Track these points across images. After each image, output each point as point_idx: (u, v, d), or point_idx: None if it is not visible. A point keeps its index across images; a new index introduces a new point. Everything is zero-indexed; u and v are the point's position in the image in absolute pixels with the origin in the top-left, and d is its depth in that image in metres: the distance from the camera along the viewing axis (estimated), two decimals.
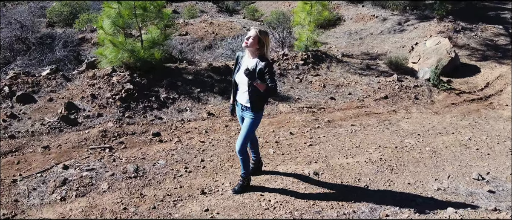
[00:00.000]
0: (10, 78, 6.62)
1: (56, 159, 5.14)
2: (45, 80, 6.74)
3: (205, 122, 6.22)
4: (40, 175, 4.78)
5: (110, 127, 5.84)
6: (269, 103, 6.95)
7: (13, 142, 5.42)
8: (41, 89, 6.59)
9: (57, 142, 5.49)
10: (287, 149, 5.52)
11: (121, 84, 6.48)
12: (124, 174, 4.85)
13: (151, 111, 6.30)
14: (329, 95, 7.45)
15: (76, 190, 4.52)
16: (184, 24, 10.93)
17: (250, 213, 4.23)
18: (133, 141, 5.63)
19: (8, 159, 5.12)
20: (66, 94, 6.52)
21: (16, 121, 5.85)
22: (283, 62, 8.18)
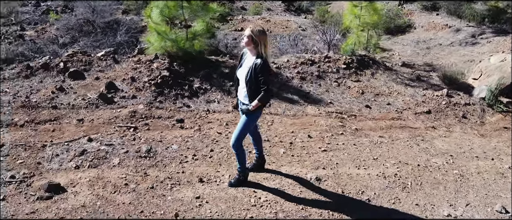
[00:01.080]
0: (67, 55, 7.38)
1: (85, 131, 5.64)
2: (97, 61, 7.39)
3: (228, 115, 6.35)
4: (67, 144, 5.30)
5: (140, 109, 6.24)
6: (297, 104, 6.87)
7: (55, 112, 6.06)
8: (92, 68, 7.25)
9: (91, 117, 6.02)
10: (298, 151, 5.44)
11: (159, 70, 6.88)
12: (137, 153, 5.17)
13: (181, 98, 6.60)
14: (365, 103, 7.13)
15: (90, 161, 4.94)
16: (242, 20, 11.17)
17: (237, 207, 4.27)
18: (157, 124, 5.96)
19: (46, 127, 5.75)
20: (112, 74, 7.10)
21: (63, 94, 6.52)
22: (324, 64, 8.00)
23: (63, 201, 4.27)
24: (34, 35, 9.25)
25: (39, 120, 5.86)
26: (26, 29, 9.90)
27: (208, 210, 4.21)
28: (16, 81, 6.82)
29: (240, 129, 4.33)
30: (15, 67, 7.12)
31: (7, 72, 7.01)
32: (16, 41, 8.32)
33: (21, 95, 6.40)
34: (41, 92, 6.53)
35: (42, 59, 7.21)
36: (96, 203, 4.26)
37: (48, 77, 6.96)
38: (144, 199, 4.35)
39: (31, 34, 9.34)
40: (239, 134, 4.33)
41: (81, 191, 4.43)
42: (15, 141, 5.32)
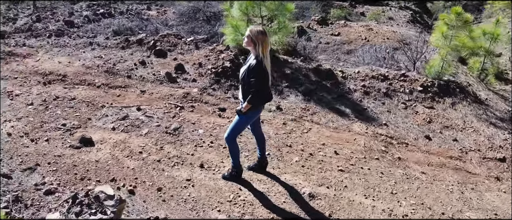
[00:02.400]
0: (161, 35, 8.39)
1: (140, 102, 6.43)
2: (182, 44, 8.23)
3: (268, 114, 6.41)
4: (119, 109, 6.16)
5: (194, 92, 6.78)
6: (346, 118, 6.48)
7: (127, 80, 7.05)
8: (175, 50, 8.11)
9: (152, 91, 6.81)
10: (312, 164, 5.22)
11: (223, 60, 7.31)
12: (166, 129, 5.71)
13: (234, 90, 6.90)
14: (427, 133, 6.29)
15: (125, 127, 5.67)
16: (343, 25, 10.81)
17: (214, 198, 4.42)
18: (201, 109, 6.41)
19: (115, 91, 6.74)
20: (187, 58, 7.83)
21: (142, 67, 7.50)
22: (397, 82, 7.28)
23: (85, 153, 5.05)
24: (154, 15, 10.74)
25: (112, 85, 6.90)
26: (151, 8, 11.53)
27: (188, 193, 4.47)
28: (113, 50, 8.11)
29: (232, 127, 4.44)
30: (118, 38, 8.44)
31: (111, 41, 8.37)
32: (132, 17, 9.85)
33: (110, 62, 7.60)
34: (127, 63, 7.63)
35: (138, 36, 8.38)
36: (107, 161, 4.91)
37: (138, 51, 8.07)
38: (145, 168, 4.83)
39: (152, 14, 10.87)
40: (231, 131, 4.43)
41: (103, 149, 5.15)
42: (85, 97, 6.41)
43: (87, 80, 6.97)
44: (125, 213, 4.06)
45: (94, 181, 4.53)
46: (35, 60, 7.58)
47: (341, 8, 13.84)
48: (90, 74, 7.16)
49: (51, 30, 8.79)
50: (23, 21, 9.21)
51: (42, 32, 8.73)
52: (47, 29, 8.82)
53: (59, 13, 9.86)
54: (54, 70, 7.19)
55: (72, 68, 7.31)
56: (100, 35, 8.59)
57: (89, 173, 4.66)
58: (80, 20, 9.52)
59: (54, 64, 7.45)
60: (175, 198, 4.38)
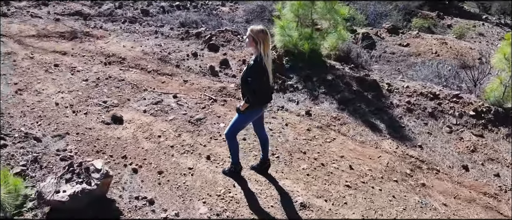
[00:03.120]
0: (218, 31, 8.73)
1: (179, 90, 6.82)
2: (235, 41, 8.46)
3: (295, 117, 6.30)
4: (159, 94, 6.61)
5: (230, 87, 6.97)
6: (376, 133, 6.07)
7: (175, 69, 7.51)
8: (228, 45, 8.37)
9: (194, 81, 7.15)
10: (319, 175, 5.04)
11: None
12: (190, 118, 5.99)
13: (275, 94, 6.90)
14: (466, 163, 5.59)
15: (155, 111, 6.08)
16: (414, 36, 10.02)
17: (206, 189, 4.56)
18: (231, 104, 6.56)
19: (161, 78, 7.23)
20: (236, 54, 8.03)
21: (192, 59, 7.91)
22: (447, 103, 6.55)
23: (111, 129, 5.55)
24: (225, 11, 11.17)
25: (161, 72, 7.41)
26: (225, 5, 12.00)
27: (184, 181, 4.66)
28: (173, 40, 8.67)
29: (231, 124, 4.51)
30: (181, 30, 8.98)
31: (173, 32, 8.95)
32: (201, 11, 10.37)
33: (166, 50, 8.15)
34: (180, 53, 8.12)
35: (199, 29, 8.82)
36: (127, 139, 5.35)
37: (194, 44, 8.51)
38: (156, 152, 5.16)
39: (224, 10, 11.31)
40: (230, 128, 4.51)
41: (128, 128, 5.61)
42: (133, 80, 6.99)
43: (141, 65, 7.58)
44: (120, 188, 4.40)
45: (107, 155, 4.97)
46: (105, 42, 8.47)
47: (426, 18, 12.81)
48: (145, 60, 7.77)
49: (127, 17, 9.71)
50: (107, 6, 10.33)
51: (119, 18, 9.70)
52: (124, 16, 9.76)
53: (139, 2, 10.82)
54: (116, 53, 7.95)
55: (132, 53, 8.01)
56: (167, 25, 9.25)
57: (106, 147, 5.12)
58: (155, 10, 10.36)
59: (119, 47, 8.23)
60: (170, 183, 4.60)
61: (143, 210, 4.12)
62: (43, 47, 8.04)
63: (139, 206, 4.16)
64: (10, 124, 5.26)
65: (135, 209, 4.11)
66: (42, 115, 5.66)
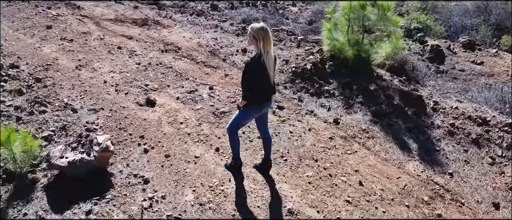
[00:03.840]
0: (273, 29, 8.76)
1: (218, 82, 7.06)
2: (287, 41, 8.41)
3: (322, 124, 6.09)
4: (197, 84, 6.92)
5: None
6: (404, 152, 5.58)
7: (220, 63, 7.77)
8: (277, 45, 8.34)
9: (234, 76, 7.33)
10: (322, 185, 4.84)
11: (307, 62, 7.20)
12: (216, 110, 6.17)
13: (302, 92, 6.78)
14: (498, 200, 4.85)
15: (186, 99, 6.40)
16: (492, 55, 8.86)
17: (201, 179, 4.71)
18: None
19: (206, 70, 7.57)
20: (283, 54, 8.00)
21: (241, 54, 8.09)
22: (497, 131, 5.70)
23: (142, 111, 6.00)
24: (294, 11, 11.09)
25: (207, 64, 7.73)
26: (296, 5, 11.87)
27: (185, 167, 4.87)
28: (229, 35, 8.94)
29: (232, 120, 4.59)
30: (239, 26, 9.21)
31: (232, 28, 9.22)
32: (266, 9, 10.45)
33: (219, 44, 8.46)
34: (231, 48, 8.36)
35: None
36: (152, 122, 5.74)
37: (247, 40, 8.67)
38: (173, 137, 5.45)
39: (293, 10, 11.23)
40: (231, 123, 4.59)
41: (157, 112, 6.01)
42: (180, 68, 7.41)
43: (192, 55, 7.99)
44: (124, 164, 4.76)
45: (128, 133, 5.40)
46: (169, 31, 9.07)
47: None
48: (198, 51, 8.16)
49: (196, 10, 10.25)
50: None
51: (189, 10, 10.29)
52: (194, 8, 10.33)
53: None
54: (175, 42, 8.48)
55: (188, 43, 8.46)
56: (229, 21, 9.55)
57: (130, 126, 5.55)
58: (224, 5, 10.74)
59: (178, 37, 8.76)
60: (172, 168, 4.83)
61: (135, 187, 4.41)
62: (115, 30, 8.91)
63: (133, 183, 4.46)
64: (57, 94, 6.00)
65: (128, 185, 4.42)
66: (88, 90, 6.33)
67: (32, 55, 7.31)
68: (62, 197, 4.11)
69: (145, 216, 4.01)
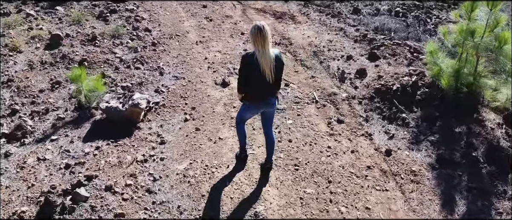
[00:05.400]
0: (394, 42, 8.00)
1: (298, 82, 7.13)
2: (400, 56, 7.54)
3: (370, 150, 5.44)
4: None
5: (342, 95, 6.63)
6: (444, 212, 4.51)
7: (315, 64, 7.71)
8: (387, 59, 7.59)
9: (319, 79, 7.23)
10: (313, 205, 4.53)
11: (397, 82, 6.40)
12: None
13: (376, 113, 6.13)
14: None
15: None
16: None
17: (207, 157, 5.15)
18: (325, 110, 6.32)
19: (298, 68, 7.69)
20: (387, 69, 7.27)
21: (342, 60, 7.81)
22: None
23: (212, 88, 6.72)
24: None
25: (303, 63, 7.80)
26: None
27: (202, 144, 5.35)
28: (347, 40, 8.60)
29: (238, 111, 4.76)
30: (362, 33, 8.72)
31: (354, 33, 8.82)
32: (410, 21, 9.19)
33: (328, 47, 8.30)
34: (338, 53, 8.09)
35: (378, 36, 8.34)
36: (211, 99, 6.42)
37: (361, 48, 8.19)
38: (219, 117, 6.01)
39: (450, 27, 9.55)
40: (237, 114, 4.78)
41: (223, 93, 6.67)
42: None
43: (295, 52, 8.14)
44: (158, 125, 5.57)
45: (185, 102, 6.19)
46: (294, 27, 9.39)
47: None
48: (304, 50, 8.23)
49: (335, 11, 10.06)
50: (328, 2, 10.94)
51: (327, 10, 10.20)
52: (334, 9, 10.17)
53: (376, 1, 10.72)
54: (291, 37, 8.77)
55: (301, 41, 8.61)
56: (358, 27, 9.05)
57: (192, 97, 6.36)
58: (369, 11, 10.06)
59: (298, 34, 8.99)
60: (192, 140, 5.40)
61: (147, 144, 5.18)
62: (253, 18, 9.80)
63: (149, 140, 5.23)
64: (159, 58, 7.30)
65: (144, 139, 5.22)
66: (186, 61, 7.40)
67: (171, 25, 8.91)
68: (96, 132, 5.22)
69: (130, 168, 4.69)
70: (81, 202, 3.99)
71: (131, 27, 8.26)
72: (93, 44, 7.31)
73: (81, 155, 4.75)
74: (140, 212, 4.13)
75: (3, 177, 4.34)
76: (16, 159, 4.66)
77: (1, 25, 7.47)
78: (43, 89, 6.02)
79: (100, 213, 3.96)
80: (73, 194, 3.97)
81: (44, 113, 5.57)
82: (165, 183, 4.59)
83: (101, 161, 4.65)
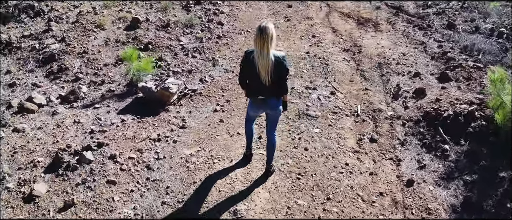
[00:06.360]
0: (474, 65, 7.02)
1: (345, 91, 6.81)
2: (475, 81, 6.58)
3: (391, 176, 4.96)
4: (325, 86, 6.92)
5: (387, 114, 6.15)
6: None
7: (376, 77, 7.21)
8: (460, 82, 6.69)
9: (371, 92, 6.76)
10: (298, 216, 4.37)
11: (451, 110, 5.64)
12: (305, 110, 6.15)
13: (415, 138, 5.52)
14: None
15: (300, 93, 6.64)
16: None
17: (219, 148, 5.32)
18: (363, 126, 5.92)
19: (355, 77, 7.32)
20: (455, 93, 6.42)
21: (407, 76, 7.17)
22: None
23: None
24: None
25: (362, 73, 7.39)
26: None
27: (221, 135, 5.57)
28: (423, 55, 7.80)
29: None
30: (442, 50, 7.81)
31: (435, 50, 7.94)
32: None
33: (398, 61, 7.66)
34: (407, 68, 7.43)
35: (459, 56, 7.39)
36: None
37: (435, 66, 7.36)
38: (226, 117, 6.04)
39: None
40: None
41: None
42: (334, 68, 7.49)
43: (361, 61, 7.71)
44: (188, 111, 5.93)
45: (222, 95, 6.46)
46: (372, 35, 8.85)
47: None
48: (370, 59, 7.74)
49: (425, 24, 9.08)
50: (444, 6, 9.86)
51: (418, 22, 9.26)
52: (426, 23, 9.19)
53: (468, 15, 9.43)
54: (363, 46, 8.33)
55: (372, 50, 8.10)
56: (443, 43, 8.02)
57: (231, 91, 6.62)
58: (466, 27, 8.75)
59: (372, 42, 8.47)
60: (212, 130, 5.68)
61: (168, 126, 5.61)
62: (333, 22, 9.56)
63: (172, 122, 5.68)
64: (218, 50, 7.70)
65: (166, 121, 5.65)
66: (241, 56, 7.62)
67: (246, 21, 9.24)
68: (131, 108, 5.84)
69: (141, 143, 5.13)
70: (85, 163, 4.57)
71: (206, 19, 8.82)
72: (164, 30, 8.05)
73: (107, 124, 5.39)
74: (131, 184, 4.53)
75: (41, 131, 5.20)
76: (58, 118, 5.52)
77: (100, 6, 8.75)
78: (108, 64, 6.91)
79: (95, 176, 4.49)
80: (80, 155, 4.57)
81: (100, 84, 6.43)
82: (165, 163, 4.92)
83: (119, 133, 5.21)
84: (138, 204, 4.33)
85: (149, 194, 4.46)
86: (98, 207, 4.18)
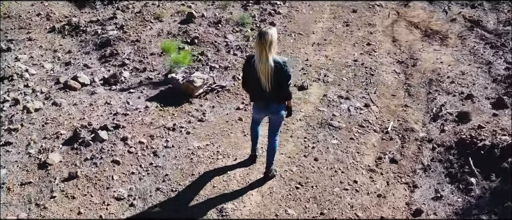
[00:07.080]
0: None
1: (383, 105, 6.41)
2: None
3: (400, 202, 4.59)
4: (362, 97, 6.59)
5: (420, 135, 5.63)
6: None
7: (422, 95, 6.67)
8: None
9: (410, 110, 6.27)
10: None
11: (492, 139, 4.98)
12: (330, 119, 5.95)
13: (441, 166, 5.02)
14: None
15: (329, 101, 6.44)
16: None
17: (226, 145, 5.47)
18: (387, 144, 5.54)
19: (399, 92, 6.86)
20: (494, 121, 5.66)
21: (458, 97, 6.51)
22: None
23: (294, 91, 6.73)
24: None
25: (408, 89, 6.92)
26: None
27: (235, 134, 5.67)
28: (486, 76, 6.97)
29: None
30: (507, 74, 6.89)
31: (497, 72, 7.04)
32: None
33: (454, 80, 6.97)
34: (459, 88, 6.71)
35: None
36: None
37: (493, 89, 6.53)
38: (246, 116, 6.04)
39: None
40: None
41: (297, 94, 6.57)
42: (379, 79, 7.10)
43: (411, 76, 7.17)
44: (211, 106, 6.12)
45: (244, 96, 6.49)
46: (435, 48, 8.07)
47: None
48: (422, 75, 7.15)
49: (499, 43, 8.02)
50: None
51: (491, 39, 8.21)
52: (501, 41, 8.11)
53: None
54: (419, 58, 7.71)
55: (428, 65, 7.44)
56: None
57: None
58: None
59: (431, 56, 7.77)
60: (229, 128, 5.81)
61: (186, 117, 5.91)
62: (396, 31, 8.94)
63: (192, 114, 5.95)
64: None
65: (186, 112, 5.94)
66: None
67: (302, 24, 9.10)
68: (161, 96, 6.26)
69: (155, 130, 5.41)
70: (98, 141, 4.99)
71: (260, 19, 8.91)
72: (215, 27, 8.33)
73: (132, 109, 5.80)
74: (134, 166, 4.84)
75: (75, 107, 5.80)
76: (95, 97, 6.08)
77: None
78: (154, 53, 7.39)
79: (103, 154, 4.88)
80: (95, 133, 5.00)
81: (141, 71, 6.91)
82: (172, 152, 5.14)
83: (138, 118, 5.58)
84: (135, 186, 4.62)
85: (147, 179, 4.72)
86: (97, 183, 4.55)
